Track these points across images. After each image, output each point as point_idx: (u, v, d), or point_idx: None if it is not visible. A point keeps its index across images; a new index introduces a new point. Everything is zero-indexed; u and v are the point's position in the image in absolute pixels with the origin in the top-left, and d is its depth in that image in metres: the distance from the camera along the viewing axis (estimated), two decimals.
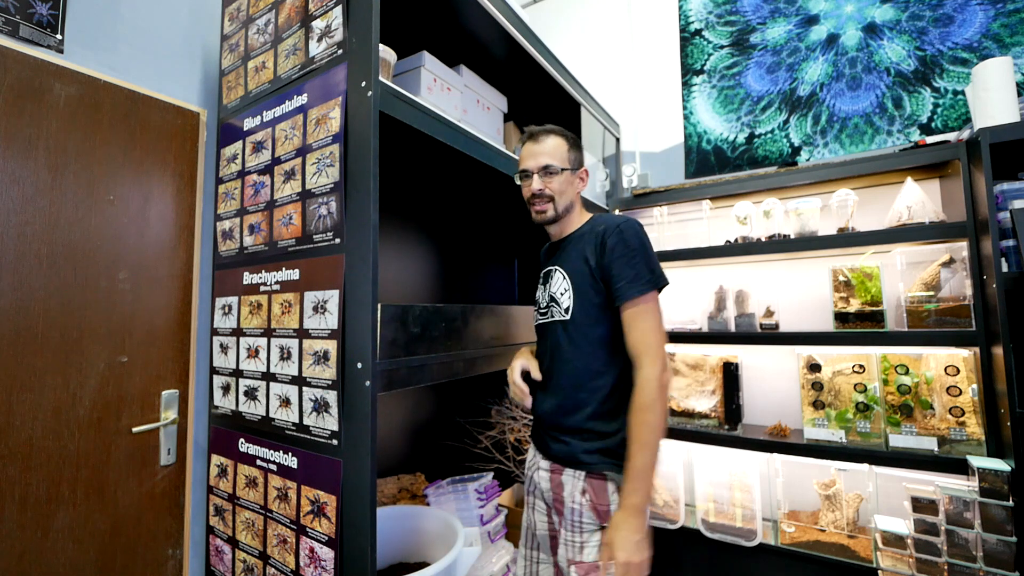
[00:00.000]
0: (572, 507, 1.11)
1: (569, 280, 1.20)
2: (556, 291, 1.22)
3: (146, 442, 1.36)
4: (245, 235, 1.35)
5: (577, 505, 1.11)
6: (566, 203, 1.24)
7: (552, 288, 1.24)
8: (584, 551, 1.08)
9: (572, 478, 1.13)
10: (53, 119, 1.21)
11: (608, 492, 1.10)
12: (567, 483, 1.14)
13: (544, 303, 1.27)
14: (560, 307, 1.20)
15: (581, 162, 1.28)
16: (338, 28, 1.15)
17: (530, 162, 1.23)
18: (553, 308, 1.22)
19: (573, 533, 1.11)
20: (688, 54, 2.59)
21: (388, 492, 1.73)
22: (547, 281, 1.27)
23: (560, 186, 1.22)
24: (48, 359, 1.18)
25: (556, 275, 1.24)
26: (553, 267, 1.26)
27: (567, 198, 1.24)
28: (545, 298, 1.26)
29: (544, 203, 1.23)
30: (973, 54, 1.96)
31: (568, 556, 1.10)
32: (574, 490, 1.12)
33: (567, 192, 1.24)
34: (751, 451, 1.96)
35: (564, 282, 1.21)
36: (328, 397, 1.07)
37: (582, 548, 1.09)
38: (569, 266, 1.21)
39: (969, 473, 1.55)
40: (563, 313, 1.19)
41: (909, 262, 1.85)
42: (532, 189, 1.23)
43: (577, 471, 1.13)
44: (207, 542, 1.41)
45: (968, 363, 1.67)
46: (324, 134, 1.14)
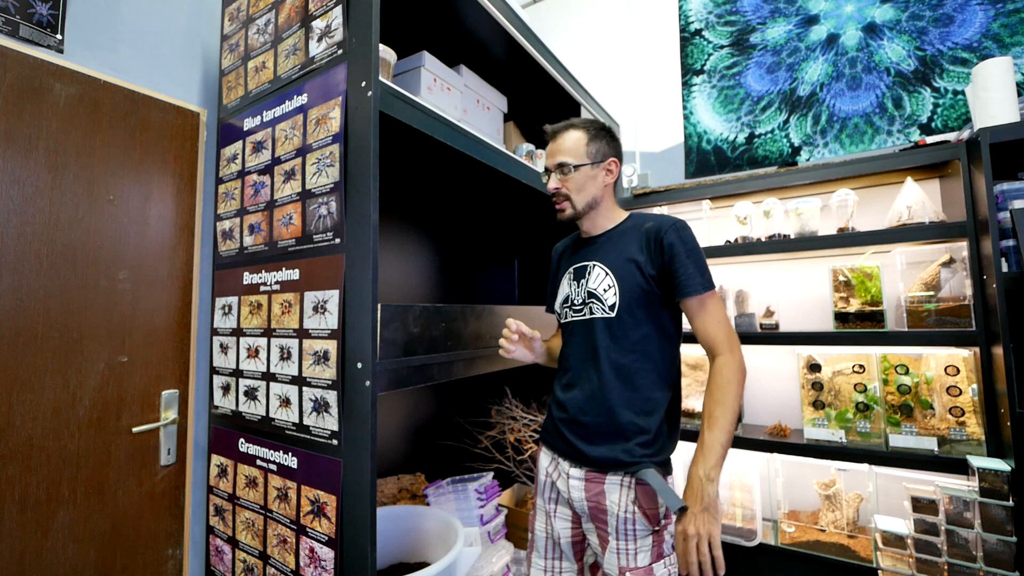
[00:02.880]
0: (623, 516, 1.08)
1: (613, 276, 1.16)
2: (597, 287, 1.17)
3: (146, 442, 1.36)
4: (245, 235, 1.35)
5: (629, 514, 1.07)
6: (587, 199, 1.20)
7: (591, 284, 1.19)
8: (638, 557, 1.06)
9: (619, 486, 1.09)
10: (53, 119, 1.21)
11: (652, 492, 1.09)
12: (611, 491, 1.09)
13: (579, 299, 1.20)
14: (603, 303, 1.16)
15: (608, 153, 1.22)
16: (338, 28, 1.15)
17: (548, 160, 1.22)
18: (593, 304, 1.17)
19: (626, 541, 1.07)
20: (688, 54, 2.59)
21: (388, 492, 1.73)
22: (582, 277, 1.22)
23: (578, 183, 1.19)
24: (48, 359, 1.18)
25: (596, 271, 1.19)
26: (590, 262, 1.21)
27: (587, 194, 1.20)
28: (581, 294, 1.20)
29: (561, 202, 1.21)
30: (973, 54, 1.96)
31: (621, 564, 1.07)
32: (623, 499, 1.08)
33: (587, 188, 1.19)
34: (751, 451, 1.96)
35: (607, 278, 1.17)
36: (328, 397, 1.07)
37: (636, 555, 1.06)
38: (612, 262, 1.17)
39: (969, 473, 1.55)
40: (607, 310, 1.15)
41: (909, 262, 1.85)
42: (549, 188, 1.22)
43: (624, 477, 1.09)
44: (207, 542, 1.41)
45: (968, 363, 1.67)
46: (324, 134, 1.14)
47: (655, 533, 1.08)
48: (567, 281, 1.26)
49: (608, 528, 1.09)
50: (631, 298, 1.13)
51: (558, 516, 1.20)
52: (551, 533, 1.21)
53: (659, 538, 1.08)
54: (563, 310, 1.26)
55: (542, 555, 1.22)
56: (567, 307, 1.24)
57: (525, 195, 1.97)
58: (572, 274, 1.25)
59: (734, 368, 1.06)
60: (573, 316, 1.22)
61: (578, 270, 1.24)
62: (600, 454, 1.11)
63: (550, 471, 1.22)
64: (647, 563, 1.06)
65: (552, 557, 1.21)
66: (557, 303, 1.29)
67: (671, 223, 1.15)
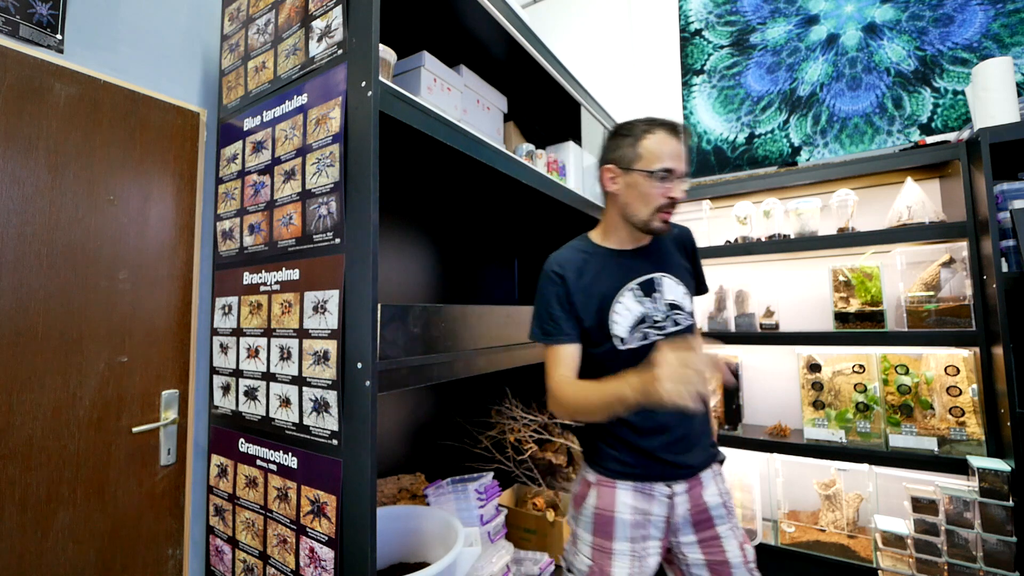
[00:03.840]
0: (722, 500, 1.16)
1: (683, 285, 1.19)
2: (676, 297, 1.16)
3: (146, 442, 1.36)
4: (245, 235, 1.35)
5: (726, 496, 1.17)
6: None
7: (668, 295, 1.15)
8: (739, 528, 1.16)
9: (710, 476, 1.17)
10: (53, 119, 1.21)
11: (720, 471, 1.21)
12: (707, 483, 1.16)
13: (661, 315, 1.14)
14: (685, 311, 1.16)
15: None
16: (338, 28, 1.15)
17: (678, 163, 1.08)
18: (676, 316, 1.15)
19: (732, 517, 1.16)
20: (688, 54, 2.59)
21: (388, 492, 1.73)
22: (653, 290, 1.15)
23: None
24: (48, 359, 1.18)
25: (667, 282, 1.16)
26: (654, 275, 1.16)
27: None
28: (660, 309, 1.14)
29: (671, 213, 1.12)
30: (973, 54, 1.96)
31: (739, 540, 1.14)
32: (716, 484, 1.17)
33: None
34: (751, 451, 1.96)
35: (680, 286, 1.18)
36: (328, 397, 1.07)
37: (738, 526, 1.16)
38: (674, 271, 1.19)
39: (969, 473, 1.55)
40: (689, 317, 1.17)
41: (909, 262, 1.85)
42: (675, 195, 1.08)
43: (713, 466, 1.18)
44: (207, 542, 1.41)
45: (968, 363, 1.67)
46: (324, 134, 1.14)
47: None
48: (633, 300, 1.14)
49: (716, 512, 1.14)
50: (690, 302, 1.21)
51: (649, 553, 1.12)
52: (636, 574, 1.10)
53: None
54: (635, 333, 1.13)
55: None
56: (645, 327, 1.13)
57: (525, 195, 1.97)
58: (639, 289, 1.15)
59: None
60: (656, 335, 1.13)
61: (645, 284, 1.15)
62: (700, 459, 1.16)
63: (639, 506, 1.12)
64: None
65: None
66: (622, 329, 1.13)
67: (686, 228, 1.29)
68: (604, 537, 1.13)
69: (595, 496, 1.16)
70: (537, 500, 1.86)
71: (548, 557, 1.70)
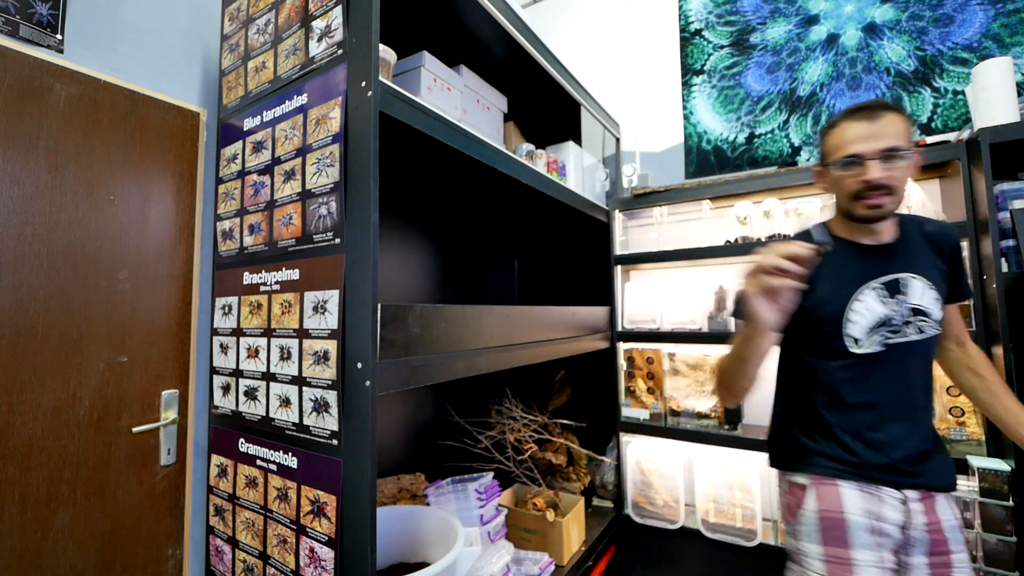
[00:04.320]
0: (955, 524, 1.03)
1: (935, 289, 1.07)
2: (923, 302, 1.06)
3: (146, 442, 1.36)
4: (245, 235, 1.35)
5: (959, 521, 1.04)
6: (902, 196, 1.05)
7: (913, 299, 1.06)
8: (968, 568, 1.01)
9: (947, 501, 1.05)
10: (53, 119, 1.21)
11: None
12: (942, 508, 1.03)
13: (900, 319, 1.06)
14: (931, 319, 1.06)
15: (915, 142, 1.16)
16: (338, 28, 1.15)
17: (868, 144, 1.00)
18: (920, 323, 1.06)
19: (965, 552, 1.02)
20: (688, 54, 2.59)
21: (388, 492, 1.73)
22: (897, 291, 1.07)
23: (905, 175, 1.02)
24: (48, 359, 1.18)
25: (915, 283, 1.06)
26: (902, 275, 1.07)
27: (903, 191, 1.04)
28: (902, 313, 1.06)
29: (881, 196, 1.01)
30: (973, 54, 1.96)
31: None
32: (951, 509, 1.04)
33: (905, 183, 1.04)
34: (751, 451, 1.95)
35: (931, 291, 1.07)
36: (328, 397, 1.07)
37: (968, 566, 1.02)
38: (925, 273, 1.08)
39: (969, 473, 1.55)
40: (937, 326, 1.07)
41: None
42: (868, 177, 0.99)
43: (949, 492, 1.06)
44: (207, 542, 1.41)
45: None
46: (324, 134, 1.14)
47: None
48: (875, 299, 1.06)
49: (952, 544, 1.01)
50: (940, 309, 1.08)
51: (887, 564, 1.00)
52: None
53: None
54: (873, 336, 1.07)
55: None
56: (885, 330, 1.06)
57: (525, 195, 1.97)
58: (884, 289, 1.07)
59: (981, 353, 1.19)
60: (893, 338, 1.06)
61: (890, 284, 1.07)
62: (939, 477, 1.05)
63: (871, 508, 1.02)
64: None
65: None
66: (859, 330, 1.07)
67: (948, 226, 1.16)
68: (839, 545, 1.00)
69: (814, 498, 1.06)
70: (537, 500, 1.86)
71: (548, 557, 1.69)
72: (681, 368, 2.18)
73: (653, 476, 2.13)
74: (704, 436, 2.03)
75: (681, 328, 2.22)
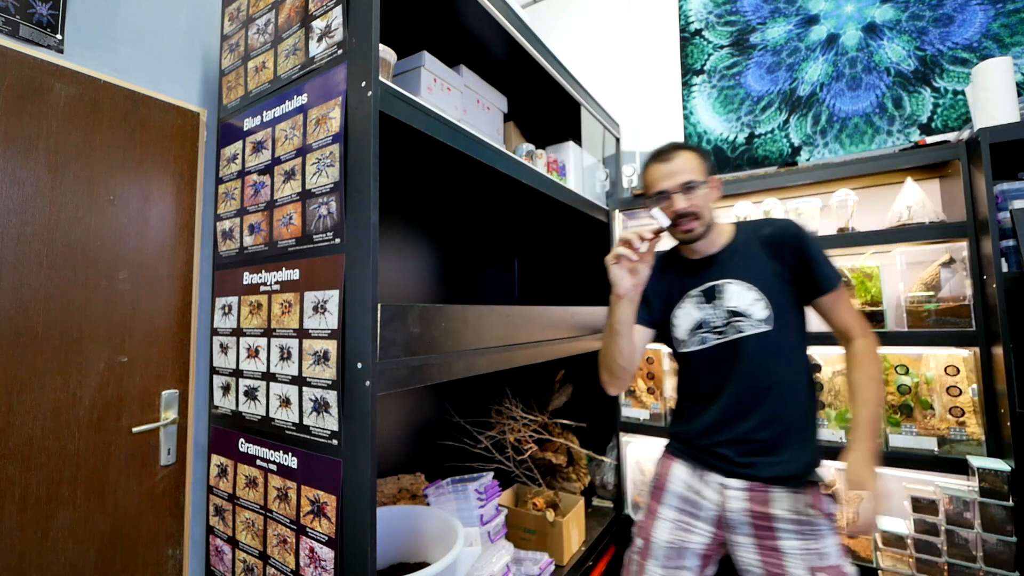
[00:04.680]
0: (800, 519, 1.11)
1: (759, 291, 1.17)
2: (741, 304, 1.18)
3: (146, 442, 1.36)
4: (245, 235, 1.35)
5: (806, 517, 1.11)
6: (710, 216, 1.21)
7: (730, 302, 1.19)
8: (828, 557, 1.09)
9: (789, 493, 1.12)
10: (53, 119, 1.21)
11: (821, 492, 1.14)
12: (780, 499, 1.12)
13: (720, 321, 1.20)
14: (752, 319, 1.16)
15: (712, 170, 1.24)
16: (338, 28, 1.15)
17: (666, 182, 1.19)
18: (740, 323, 1.17)
19: (812, 541, 1.10)
20: (688, 54, 2.59)
21: (388, 492, 1.73)
22: (715, 297, 1.21)
23: (704, 200, 1.19)
24: (48, 359, 1.18)
25: (732, 288, 1.19)
26: (721, 280, 1.21)
27: (710, 211, 1.21)
28: (719, 315, 1.20)
29: (691, 221, 1.18)
30: (973, 54, 1.96)
31: (810, 565, 1.08)
32: (795, 504, 1.12)
33: (708, 205, 1.20)
34: None
35: (751, 292, 1.18)
36: (328, 397, 1.07)
37: (827, 554, 1.09)
38: (751, 277, 1.19)
39: (969, 473, 1.55)
40: (761, 324, 1.16)
41: (909, 262, 1.85)
42: (676, 208, 1.17)
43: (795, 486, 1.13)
44: (207, 542, 1.41)
45: (968, 363, 1.67)
46: (324, 134, 1.14)
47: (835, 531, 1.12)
48: (692, 305, 1.24)
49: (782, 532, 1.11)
50: (781, 307, 1.16)
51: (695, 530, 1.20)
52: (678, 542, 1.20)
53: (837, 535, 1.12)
54: (693, 337, 1.24)
55: (663, 564, 1.21)
56: (703, 332, 1.22)
57: (525, 195, 1.97)
58: (701, 296, 1.23)
59: (874, 346, 1.16)
60: (715, 339, 1.21)
61: (708, 291, 1.22)
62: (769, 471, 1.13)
63: (691, 486, 1.23)
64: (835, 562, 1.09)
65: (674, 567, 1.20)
66: (681, 332, 1.26)
67: (789, 223, 1.21)
68: (655, 500, 1.28)
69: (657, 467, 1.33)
70: (537, 500, 1.86)
71: (548, 557, 1.70)
72: None
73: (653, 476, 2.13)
74: None
75: None
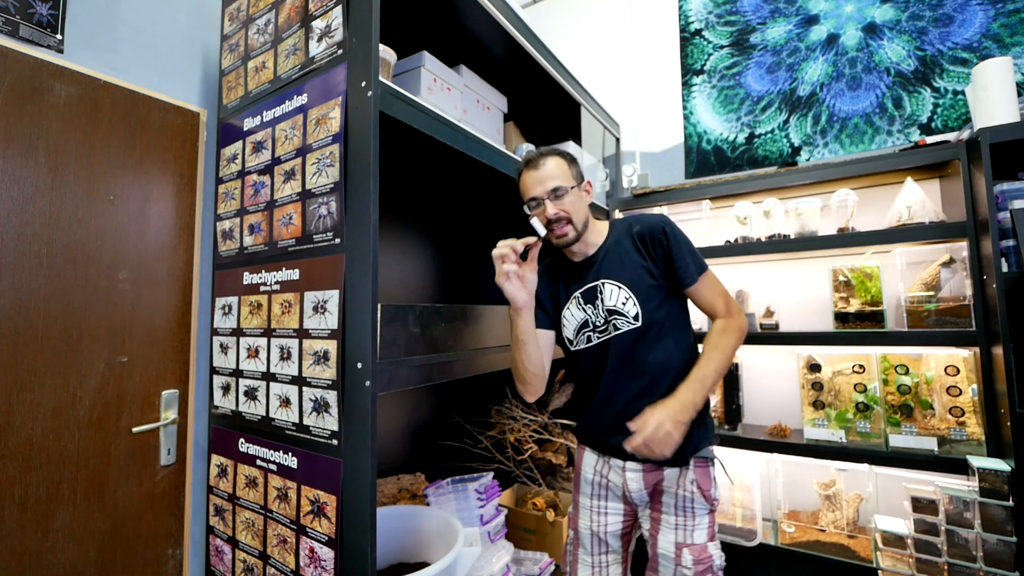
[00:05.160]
0: (682, 495, 1.17)
1: (628, 289, 1.20)
2: (615, 303, 1.21)
3: (146, 442, 1.36)
4: (245, 235, 1.35)
5: (688, 492, 1.17)
6: (582, 220, 1.23)
7: (608, 302, 1.22)
8: (695, 534, 1.15)
9: (680, 469, 1.18)
10: (53, 119, 1.21)
11: (711, 476, 1.20)
12: (670, 475, 1.19)
13: (600, 320, 1.23)
14: (626, 317, 1.20)
15: (582, 174, 1.28)
16: (338, 28, 1.15)
17: (537, 189, 1.21)
18: (617, 321, 1.21)
19: (686, 518, 1.16)
20: (688, 54, 2.59)
21: (388, 492, 1.73)
22: (594, 298, 1.24)
23: (574, 204, 1.21)
24: (48, 359, 1.18)
25: (608, 288, 1.22)
26: (598, 282, 1.24)
27: (582, 215, 1.23)
28: (599, 315, 1.23)
29: (564, 226, 1.21)
30: (973, 54, 1.96)
31: (679, 540, 1.15)
32: (682, 479, 1.18)
33: (580, 209, 1.23)
34: (751, 451, 1.96)
35: (622, 291, 1.21)
36: (328, 397, 1.07)
37: (694, 531, 1.15)
38: (621, 276, 1.22)
39: (969, 473, 1.55)
40: (631, 321, 1.20)
41: (909, 262, 1.85)
42: (547, 215, 1.20)
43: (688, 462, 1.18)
44: (207, 542, 1.41)
45: (968, 363, 1.67)
46: (324, 134, 1.14)
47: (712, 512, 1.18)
48: (574, 306, 1.27)
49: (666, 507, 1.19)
50: (649, 303, 1.20)
51: (608, 512, 1.27)
52: (596, 528, 1.27)
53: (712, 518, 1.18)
54: (580, 336, 1.27)
55: (589, 551, 1.28)
56: (588, 331, 1.26)
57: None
58: (581, 297, 1.26)
59: (734, 325, 1.18)
60: (598, 337, 1.25)
61: (587, 293, 1.25)
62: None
63: (597, 470, 1.29)
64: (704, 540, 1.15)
65: (599, 552, 1.27)
66: (570, 332, 1.29)
67: (656, 221, 1.23)
68: (577, 491, 1.34)
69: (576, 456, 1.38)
70: (537, 500, 1.86)
71: (548, 557, 1.70)
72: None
73: None
74: None
75: None
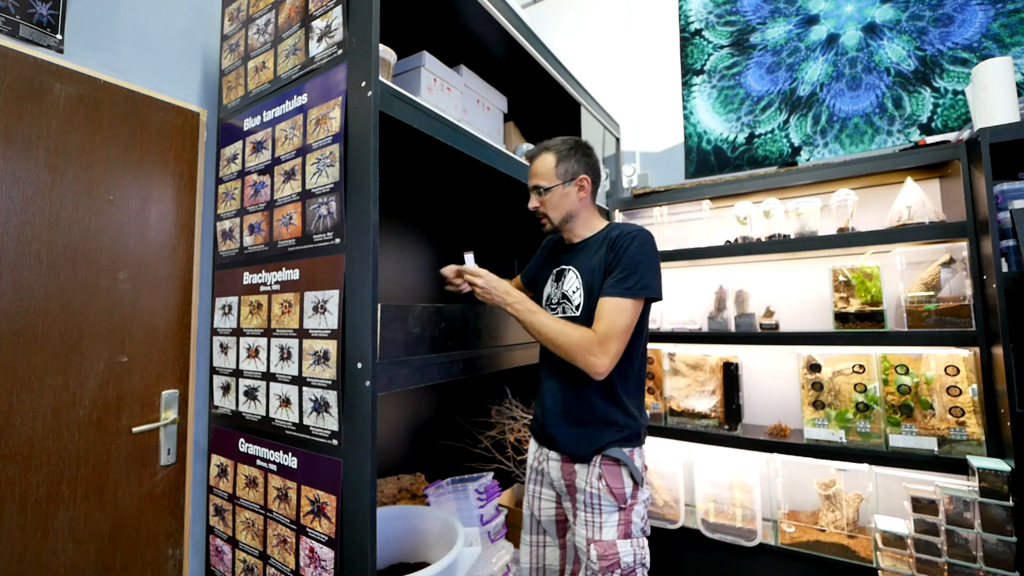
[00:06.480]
0: (589, 491, 1.19)
1: (581, 280, 1.27)
2: (568, 289, 1.30)
3: (146, 442, 1.36)
4: (245, 235, 1.35)
5: (595, 489, 1.18)
6: (561, 215, 1.31)
7: (564, 286, 1.31)
8: (603, 530, 1.16)
9: (586, 465, 1.21)
10: (53, 119, 1.21)
11: (623, 476, 1.19)
12: (580, 471, 1.21)
13: (556, 299, 1.32)
14: (571, 304, 1.27)
15: (578, 171, 1.29)
16: (338, 28, 1.15)
17: (530, 182, 1.34)
18: (565, 305, 1.29)
19: (592, 514, 1.18)
20: (688, 54, 2.59)
21: (388, 492, 1.73)
22: (560, 279, 1.34)
23: (552, 202, 1.30)
24: (48, 359, 1.18)
25: (569, 274, 1.31)
26: (567, 267, 1.33)
27: (562, 210, 1.31)
28: (557, 295, 1.33)
29: (541, 218, 1.34)
30: (973, 54, 1.96)
31: (587, 535, 1.17)
32: (590, 476, 1.19)
33: (561, 205, 1.30)
34: (751, 451, 1.95)
35: (576, 281, 1.28)
36: (328, 397, 1.07)
37: (601, 527, 1.16)
38: (583, 267, 1.28)
39: (969, 473, 1.55)
40: (574, 310, 1.26)
41: (909, 262, 1.85)
42: (529, 207, 1.34)
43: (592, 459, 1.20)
44: (207, 542, 1.41)
45: (968, 363, 1.67)
46: (324, 134, 1.14)
47: (622, 511, 1.18)
48: (549, 281, 1.38)
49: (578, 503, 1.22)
50: (592, 299, 1.23)
51: (543, 497, 1.33)
52: (535, 512, 1.35)
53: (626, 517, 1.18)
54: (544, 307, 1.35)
55: (529, 532, 1.37)
56: (547, 305, 1.36)
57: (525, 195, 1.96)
58: (554, 276, 1.37)
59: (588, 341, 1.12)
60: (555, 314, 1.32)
61: (558, 272, 1.36)
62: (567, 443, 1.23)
63: (535, 456, 1.36)
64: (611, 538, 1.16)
65: (535, 533, 1.35)
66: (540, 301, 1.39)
67: (633, 231, 1.23)
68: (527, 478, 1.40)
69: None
70: None
71: None
72: (681, 368, 2.18)
73: (653, 476, 2.13)
74: (704, 436, 2.03)
75: (681, 328, 2.23)
